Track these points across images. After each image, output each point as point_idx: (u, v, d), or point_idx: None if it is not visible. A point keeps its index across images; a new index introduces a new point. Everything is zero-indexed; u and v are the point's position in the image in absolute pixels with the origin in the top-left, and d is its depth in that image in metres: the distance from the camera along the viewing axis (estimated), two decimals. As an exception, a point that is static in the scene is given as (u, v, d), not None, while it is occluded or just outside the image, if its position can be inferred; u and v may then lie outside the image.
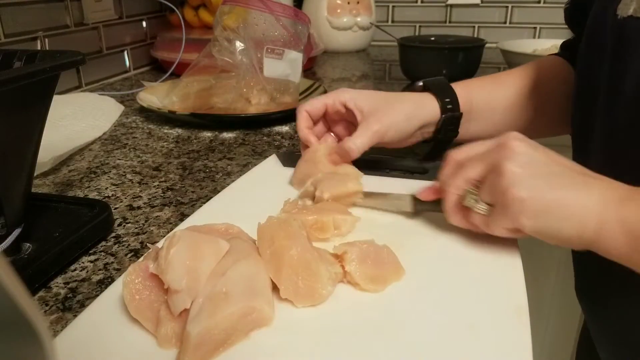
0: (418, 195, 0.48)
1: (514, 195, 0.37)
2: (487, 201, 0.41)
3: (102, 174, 0.66)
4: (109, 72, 1.19)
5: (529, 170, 0.38)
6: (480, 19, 1.66)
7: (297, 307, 0.37)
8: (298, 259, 0.37)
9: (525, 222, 0.38)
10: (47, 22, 0.98)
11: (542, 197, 0.37)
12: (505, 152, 0.39)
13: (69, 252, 0.45)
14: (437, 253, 0.44)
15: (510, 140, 0.39)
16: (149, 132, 0.83)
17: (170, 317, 0.34)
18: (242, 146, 0.76)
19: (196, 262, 0.35)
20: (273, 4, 0.88)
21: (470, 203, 0.42)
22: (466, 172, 0.42)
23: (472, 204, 0.41)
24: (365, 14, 1.52)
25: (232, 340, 0.33)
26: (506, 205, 0.38)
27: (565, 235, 0.37)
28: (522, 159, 0.38)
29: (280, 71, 0.89)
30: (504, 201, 0.38)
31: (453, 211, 0.44)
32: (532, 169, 0.38)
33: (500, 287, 0.39)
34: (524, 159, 0.38)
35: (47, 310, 0.40)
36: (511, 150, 0.39)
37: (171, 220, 0.53)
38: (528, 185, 0.37)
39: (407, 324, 0.35)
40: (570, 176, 0.38)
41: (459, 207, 0.43)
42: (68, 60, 0.44)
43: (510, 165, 0.38)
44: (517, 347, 0.33)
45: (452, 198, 0.43)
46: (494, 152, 0.40)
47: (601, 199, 0.36)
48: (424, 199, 0.48)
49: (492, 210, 0.40)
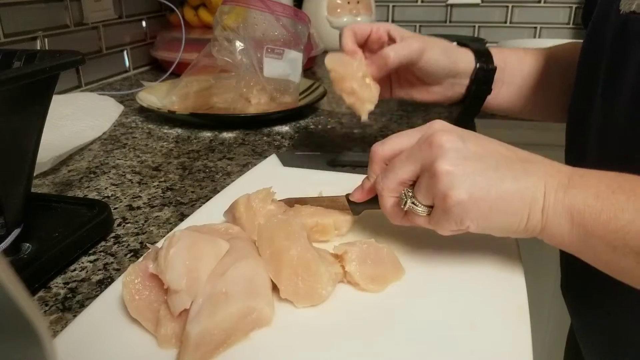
0: (351, 198, 0.45)
1: (453, 198, 0.35)
2: (425, 203, 0.38)
3: (101, 174, 0.66)
4: (108, 72, 1.19)
5: (464, 167, 0.35)
6: (480, 18, 1.66)
7: (297, 307, 0.37)
8: (298, 259, 0.37)
9: (470, 224, 0.36)
10: (47, 22, 0.98)
11: (483, 197, 0.35)
12: (436, 151, 0.36)
13: (68, 252, 0.45)
14: (437, 253, 0.44)
15: (438, 135, 0.37)
16: (148, 132, 0.83)
17: (170, 317, 0.34)
18: (242, 146, 0.76)
19: (196, 262, 0.35)
20: (273, 4, 0.88)
21: (409, 207, 0.39)
22: (397, 173, 0.39)
23: (411, 207, 0.39)
24: (365, 13, 1.52)
25: (232, 340, 0.33)
26: (447, 209, 0.36)
27: (512, 229, 0.37)
28: (454, 155, 0.36)
29: (280, 71, 0.89)
30: (445, 206, 0.36)
31: (392, 213, 0.41)
32: (467, 166, 0.36)
33: (500, 287, 0.39)
34: (456, 155, 0.36)
35: (47, 310, 0.40)
36: (441, 148, 0.36)
37: (171, 220, 0.53)
38: (466, 186, 0.35)
39: (407, 324, 0.35)
40: (507, 167, 0.36)
41: (398, 209, 0.40)
42: (68, 60, 0.44)
43: (443, 165, 0.36)
44: (517, 347, 0.33)
45: (389, 201, 0.40)
46: (423, 150, 0.37)
47: (543, 186, 0.35)
48: (357, 201, 0.45)
49: (433, 212, 0.38)
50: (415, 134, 0.40)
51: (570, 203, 0.34)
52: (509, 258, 0.43)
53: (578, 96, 0.52)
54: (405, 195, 0.39)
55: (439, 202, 0.36)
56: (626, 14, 0.42)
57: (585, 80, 0.50)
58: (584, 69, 0.51)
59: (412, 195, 0.39)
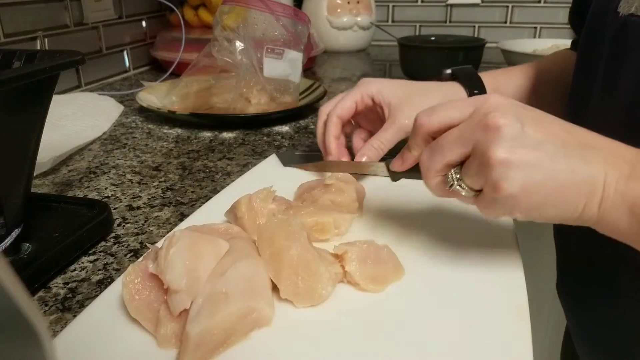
0: (391, 167, 0.44)
1: (506, 190, 0.33)
2: (475, 188, 0.36)
3: (101, 174, 0.66)
4: (108, 72, 1.19)
5: (519, 155, 0.33)
6: (480, 18, 1.66)
7: (297, 307, 0.37)
8: (298, 259, 0.37)
9: (519, 214, 0.35)
10: (47, 22, 0.98)
11: (536, 191, 0.33)
12: (491, 134, 0.33)
13: (68, 252, 0.45)
14: (437, 253, 0.44)
15: (494, 116, 0.34)
16: (148, 132, 0.83)
17: (170, 317, 0.34)
18: (242, 146, 0.76)
19: (196, 262, 0.35)
20: (273, 4, 0.88)
21: (455, 189, 0.37)
22: (445, 155, 0.36)
23: (458, 190, 0.37)
24: (365, 13, 1.52)
25: (232, 340, 0.33)
26: (497, 199, 0.34)
27: (564, 218, 0.35)
28: (511, 142, 0.33)
29: (280, 71, 0.89)
30: (495, 195, 0.34)
31: (437, 191, 0.39)
32: (523, 155, 0.33)
33: (500, 287, 0.39)
34: (512, 142, 0.33)
35: (47, 310, 0.40)
36: (497, 132, 0.33)
37: (171, 220, 0.53)
38: (520, 178, 0.33)
39: (407, 324, 0.35)
40: (565, 155, 0.33)
41: (442, 187, 0.38)
42: (68, 60, 0.44)
43: (497, 152, 0.33)
44: (517, 347, 0.33)
45: (434, 180, 0.38)
46: (477, 131, 0.34)
47: (603, 177, 0.33)
48: (397, 170, 0.44)
49: (481, 197, 0.36)
50: (467, 107, 0.37)
51: (632, 195, 0.33)
52: (509, 258, 0.43)
53: (574, 102, 0.51)
54: (452, 178, 0.37)
55: (489, 190, 0.35)
56: (625, 16, 0.42)
57: (582, 85, 0.49)
58: (580, 73, 0.50)
59: (459, 178, 0.37)
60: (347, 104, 0.56)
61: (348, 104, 0.56)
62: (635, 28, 0.41)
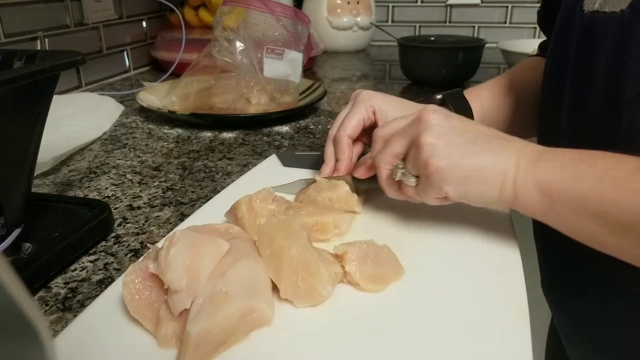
0: (354, 174, 0.52)
1: (433, 165, 0.40)
2: (413, 173, 0.43)
3: (102, 174, 0.66)
4: (109, 72, 1.19)
5: (445, 140, 0.40)
6: (480, 19, 1.66)
7: (297, 307, 0.37)
8: (298, 259, 0.37)
9: (449, 189, 0.40)
10: (47, 22, 0.98)
11: (459, 165, 0.40)
12: (422, 125, 0.41)
13: (69, 252, 0.45)
14: (437, 253, 0.44)
15: (426, 113, 0.42)
16: (149, 132, 0.83)
17: (170, 317, 0.34)
18: (242, 146, 0.76)
19: (196, 262, 0.35)
20: (273, 4, 0.88)
21: (399, 176, 0.44)
22: (391, 147, 0.44)
23: (401, 177, 0.44)
24: (365, 14, 1.52)
25: (232, 340, 0.33)
26: (429, 175, 0.41)
27: (487, 198, 0.40)
28: (437, 130, 0.41)
29: (280, 71, 0.89)
30: (426, 172, 0.41)
31: (387, 185, 0.46)
32: (448, 139, 0.40)
33: (500, 287, 0.39)
34: (438, 129, 0.41)
35: (47, 310, 0.40)
36: (426, 123, 0.41)
37: (171, 220, 0.53)
38: (445, 155, 0.40)
39: (407, 324, 0.35)
40: (484, 141, 0.41)
41: (391, 181, 0.46)
42: (68, 60, 0.44)
43: (427, 138, 0.41)
44: (517, 347, 0.33)
45: (384, 173, 0.46)
46: (413, 127, 0.43)
47: (516, 160, 0.39)
48: (360, 177, 0.51)
49: (419, 182, 0.43)
50: (411, 116, 0.44)
51: (539, 174, 0.38)
52: (509, 258, 0.43)
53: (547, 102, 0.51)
54: (397, 167, 0.44)
55: (422, 169, 0.41)
56: (590, 12, 0.42)
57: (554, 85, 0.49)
58: (550, 73, 0.50)
59: (402, 167, 0.44)
60: (354, 122, 0.55)
61: (355, 122, 0.55)
62: (599, 24, 0.41)
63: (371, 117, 0.55)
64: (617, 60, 0.40)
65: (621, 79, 0.39)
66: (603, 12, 0.41)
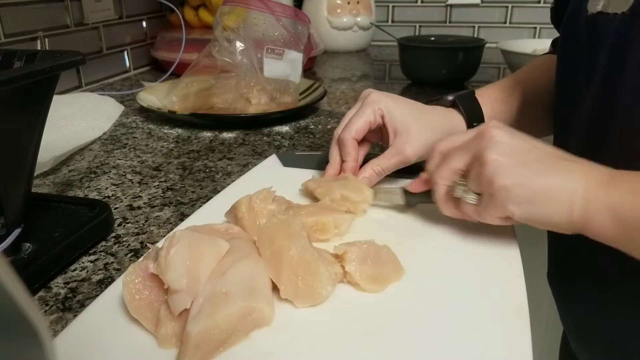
0: (408, 188, 0.49)
1: (498, 183, 0.38)
2: (475, 191, 0.42)
3: (102, 174, 0.66)
4: (109, 72, 1.19)
5: (511, 158, 0.39)
6: (480, 19, 1.66)
7: (297, 307, 0.37)
8: (298, 259, 0.37)
9: (514, 209, 0.39)
10: (47, 22, 0.98)
11: (526, 184, 0.38)
12: (487, 142, 0.40)
13: (69, 252, 0.45)
14: (437, 253, 0.44)
15: (490, 129, 0.40)
16: (149, 132, 0.83)
17: (170, 317, 0.34)
18: (242, 146, 0.76)
19: (196, 262, 0.35)
20: (273, 4, 0.88)
21: (459, 194, 0.43)
22: (451, 162, 0.43)
23: (461, 195, 0.42)
24: (365, 14, 1.52)
25: (232, 340, 0.33)
26: (493, 194, 0.39)
27: (554, 220, 0.38)
28: (503, 147, 0.39)
29: (280, 71, 0.89)
30: (491, 190, 0.39)
31: (444, 202, 0.45)
32: (514, 157, 0.39)
33: (500, 287, 0.39)
34: (505, 147, 0.39)
35: (47, 310, 0.40)
36: (492, 139, 0.40)
37: (171, 220, 0.53)
38: (512, 173, 0.38)
39: (407, 324, 0.35)
40: (552, 161, 0.39)
41: (449, 198, 0.44)
42: (68, 60, 0.44)
43: (491, 154, 0.39)
44: (517, 347, 0.33)
45: (442, 189, 0.44)
46: (475, 142, 0.41)
47: (584, 182, 0.37)
48: (413, 191, 0.49)
49: (481, 200, 0.41)
50: (472, 131, 0.43)
51: (610, 199, 0.36)
52: (509, 258, 0.43)
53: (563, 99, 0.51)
54: (457, 183, 0.43)
55: (486, 187, 0.40)
56: (593, 14, 0.43)
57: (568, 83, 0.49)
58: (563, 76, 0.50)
59: (463, 183, 0.42)
60: (359, 125, 0.54)
61: (360, 125, 0.54)
62: (602, 25, 0.42)
63: (378, 120, 0.55)
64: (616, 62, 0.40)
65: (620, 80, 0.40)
66: (606, 14, 0.41)
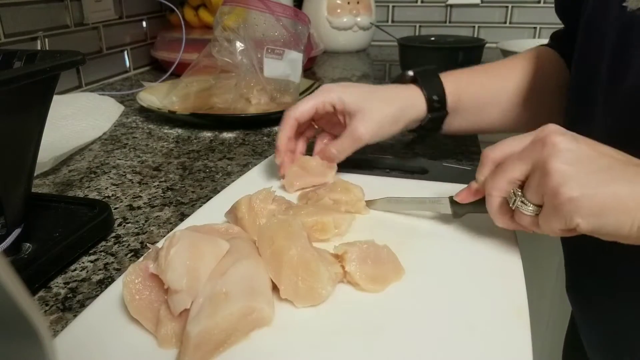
0: (456, 198, 0.46)
1: (565, 195, 0.35)
2: (534, 202, 0.39)
3: (102, 174, 0.66)
4: (109, 72, 1.19)
5: (577, 167, 0.35)
6: (480, 19, 1.66)
7: (297, 307, 0.37)
8: (298, 259, 0.37)
9: (581, 222, 0.36)
10: (47, 22, 0.98)
11: (595, 195, 0.35)
12: (549, 149, 0.36)
13: (69, 252, 0.45)
14: (437, 253, 0.44)
15: (552, 136, 0.37)
16: (149, 132, 0.83)
17: (170, 317, 0.34)
18: (242, 146, 0.76)
19: (196, 262, 0.35)
20: (273, 4, 0.88)
21: (517, 205, 0.39)
22: (508, 172, 0.39)
23: (519, 206, 0.39)
24: (365, 14, 1.52)
25: (232, 340, 0.33)
26: (557, 206, 0.36)
27: (624, 230, 0.35)
28: (568, 155, 0.36)
29: (280, 71, 0.89)
30: (555, 202, 0.36)
31: (499, 214, 0.42)
32: (580, 166, 0.36)
33: (500, 287, 0.39)
34: (569, 155, 0.36)
35: (47, 310, 0.40)
36: (554, 147, 0.36)
37: (171, 220, 0.53)
38: (579, 184, 0.35)
39: (407, 324, 0.35)
40: (619, 169, 0.36)
41: (504, 209, 0.41)
42: (68, 60, 0.44)
43: (556, 164, 0.36)
44: (517, 347, 0.33)
45: (496, 200, 0.41)
46: (535, 150, 0.38)
47: None
48: (462, 202, 0.46)
49: (541, 211, 0.38)
50: (527, 137, 0.40)
51: None
52: (509, 259, 0.43)
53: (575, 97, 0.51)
54: (514, 194, 0.39)
55: (550, 199, 0.36)
56: (633, 11, 0.41)
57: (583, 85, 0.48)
58: (581, 70, 0.49)
59: (521, 194, 0.39)
60: (306, 107, 0.56)
61: (307, 107, 0.56)
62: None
63: (328, 108, 0.56)
64: None
65: None
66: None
